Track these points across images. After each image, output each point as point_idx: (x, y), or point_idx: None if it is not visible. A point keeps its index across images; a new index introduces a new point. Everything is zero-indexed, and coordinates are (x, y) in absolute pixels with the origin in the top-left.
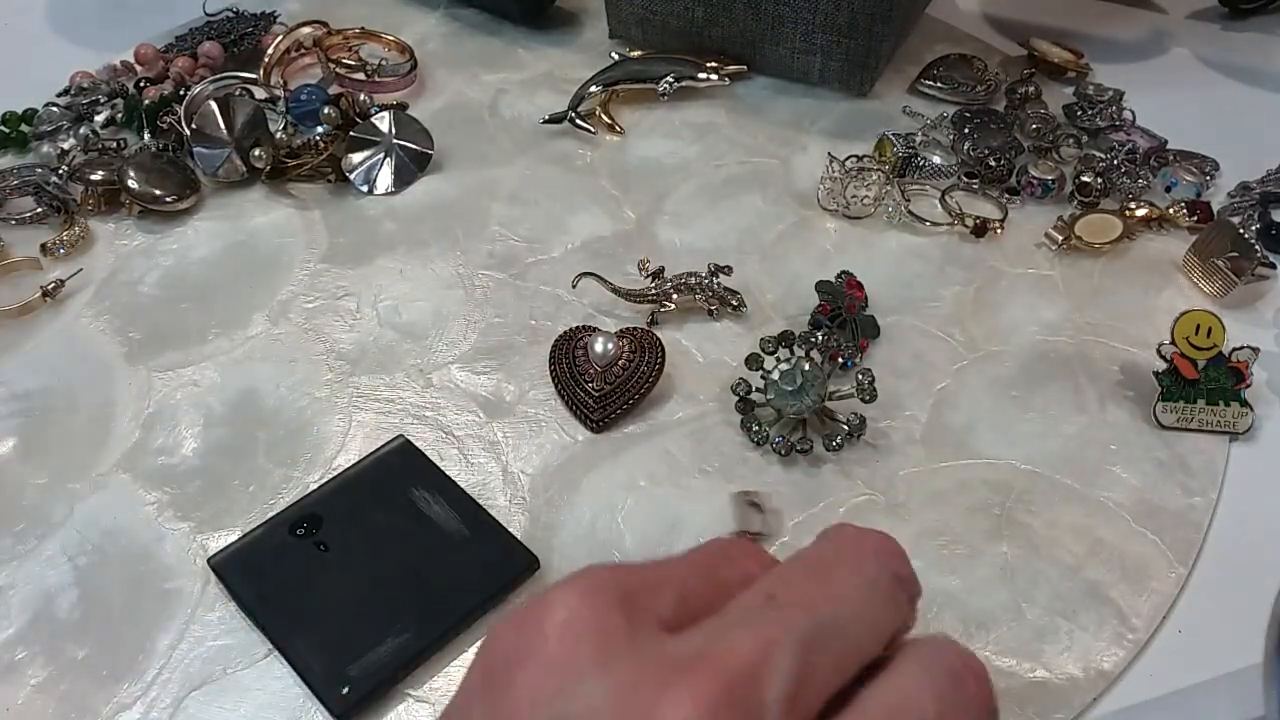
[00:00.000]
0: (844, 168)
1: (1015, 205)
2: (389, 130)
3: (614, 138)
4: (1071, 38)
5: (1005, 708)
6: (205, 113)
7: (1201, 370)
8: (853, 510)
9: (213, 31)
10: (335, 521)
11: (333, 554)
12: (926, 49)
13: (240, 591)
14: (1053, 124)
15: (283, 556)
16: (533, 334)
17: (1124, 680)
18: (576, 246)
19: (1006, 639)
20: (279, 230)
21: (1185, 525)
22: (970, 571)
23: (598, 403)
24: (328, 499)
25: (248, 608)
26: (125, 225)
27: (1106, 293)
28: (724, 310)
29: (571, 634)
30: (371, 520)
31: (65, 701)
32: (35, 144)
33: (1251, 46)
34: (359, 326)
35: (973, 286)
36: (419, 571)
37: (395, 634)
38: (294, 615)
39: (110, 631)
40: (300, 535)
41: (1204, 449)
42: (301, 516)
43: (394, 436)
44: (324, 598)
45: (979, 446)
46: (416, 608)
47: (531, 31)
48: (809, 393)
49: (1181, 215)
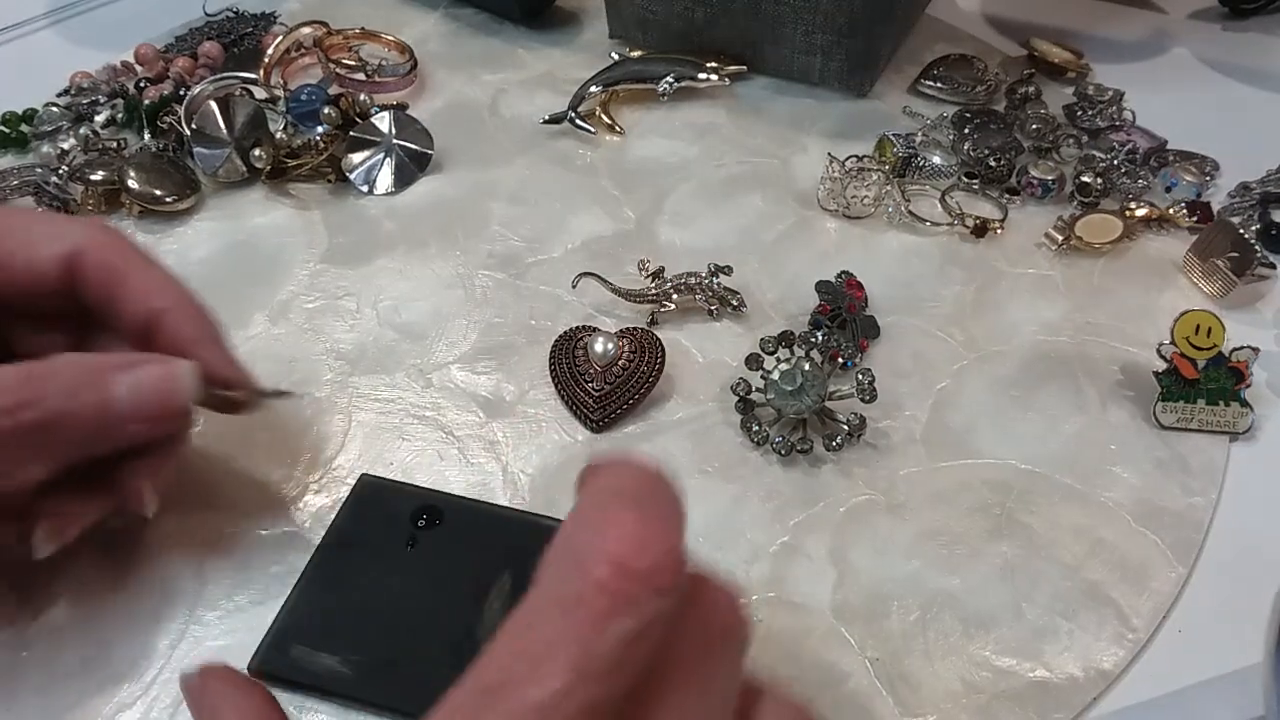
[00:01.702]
0: (844, 168)
1: (1015, 205)
2: (389, 130)
3: (614, 138)
4: (1071, 38)
5: (1005, 707)
6: (205, 113)
7: (1201, 370)
8: (853, 510)
9: (213, 31)
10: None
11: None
12: (926, 49)
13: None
14: (1053, 124)
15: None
16: (533, 334)
17: (1124, 680)
18: (576, 246)
19: (1006, 639)
20: (279, 230)
21: (1185, 525)
22: (970, 571)
23: (598, 403)
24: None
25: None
26: (125, 225)
27: (1106, 293)
28: (724, 310)
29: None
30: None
31: (66, 702)
32: (35, 144)
33: (1251, 46)
34: (359, 326)
35: (973, 286)
36: (421, 643)
37: (350, 662)
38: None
39: (111, 631)
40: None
41: (1204, 449)
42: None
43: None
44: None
45: (979, 446)
46: (394, 673)
47: (531, 31)
48: (809, 393)
49: (1181, 215)
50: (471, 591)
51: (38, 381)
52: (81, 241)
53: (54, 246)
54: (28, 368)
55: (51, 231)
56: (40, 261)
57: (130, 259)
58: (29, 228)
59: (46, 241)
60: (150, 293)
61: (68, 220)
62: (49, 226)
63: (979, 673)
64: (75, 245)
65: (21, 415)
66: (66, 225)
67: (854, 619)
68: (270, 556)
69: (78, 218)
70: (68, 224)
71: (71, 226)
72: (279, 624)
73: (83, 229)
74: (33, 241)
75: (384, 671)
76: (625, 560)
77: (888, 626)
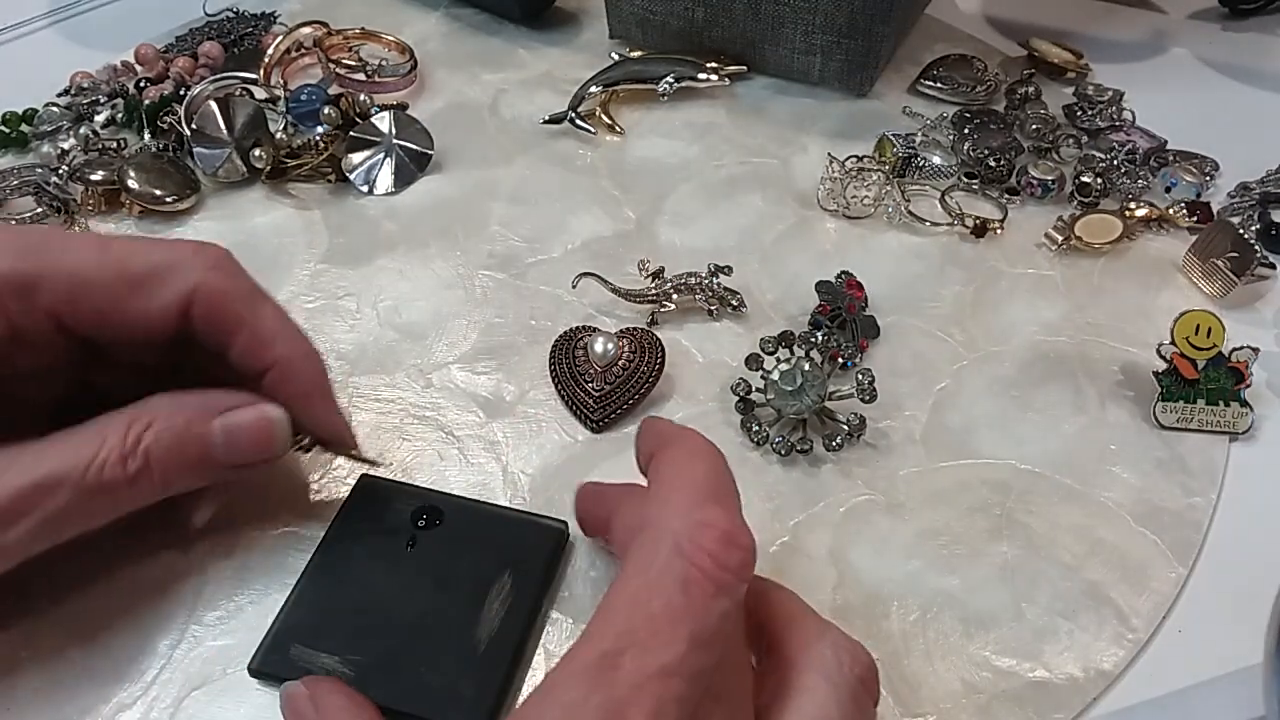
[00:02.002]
0: (844, 168)
1: (1015, 205)
2: (389, 130)
3: (614, 138)
4: (1071, 38)
5: (1005, 708)
6: (205, 113)
7: (1201, 370)
8: (852, 510)
9: (213, 31)
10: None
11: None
12: (926, 49)
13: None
14: (1053, 124)
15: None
16: (533, 334)
17: (1124, 680)
18: (576, 246)
19: (1006, 639)
20: (279, 230)
21: (1185, 525)
22: (970, 571)
23: (598, 403)
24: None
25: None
26: (125, 225)
27: (1106, 293)
28: (724, 310)
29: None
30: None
31: (66, 702)
32: (35, 144)
33: (1251, 46)
34: (359, 326)
35: (973, 286)
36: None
37: (349, 662)
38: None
39: (111, 631)
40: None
41: (1204, 449)
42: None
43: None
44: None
45: (979, 446)
46: (394, 673)
47: (531, 31)
48: (809, 393)
49: (1181, 215)
50: (471, 591)
51: (138, 428)
52: (198, 281)
53: (168, 293)
54: (129, 419)
55: (165, 266)
56: (155, 314)
57: (248, 302)
58: (145, 258)
59: (160, 285)
60: (266, 342)
61: (179, 251)
62: (163, 257)
63: (979, 673)
64: (192, 287)
65: (129, 466)
66: (181, 258)
67: (854, 619)
68: (270, 557)
69: (185, 242)
70: (182, 256)
71: (185, 260)
72: (279, 624)
73: (200, 265)
74: (145, 285)
75: (384, 671)
76: (720, 555)
77: (887, 626)
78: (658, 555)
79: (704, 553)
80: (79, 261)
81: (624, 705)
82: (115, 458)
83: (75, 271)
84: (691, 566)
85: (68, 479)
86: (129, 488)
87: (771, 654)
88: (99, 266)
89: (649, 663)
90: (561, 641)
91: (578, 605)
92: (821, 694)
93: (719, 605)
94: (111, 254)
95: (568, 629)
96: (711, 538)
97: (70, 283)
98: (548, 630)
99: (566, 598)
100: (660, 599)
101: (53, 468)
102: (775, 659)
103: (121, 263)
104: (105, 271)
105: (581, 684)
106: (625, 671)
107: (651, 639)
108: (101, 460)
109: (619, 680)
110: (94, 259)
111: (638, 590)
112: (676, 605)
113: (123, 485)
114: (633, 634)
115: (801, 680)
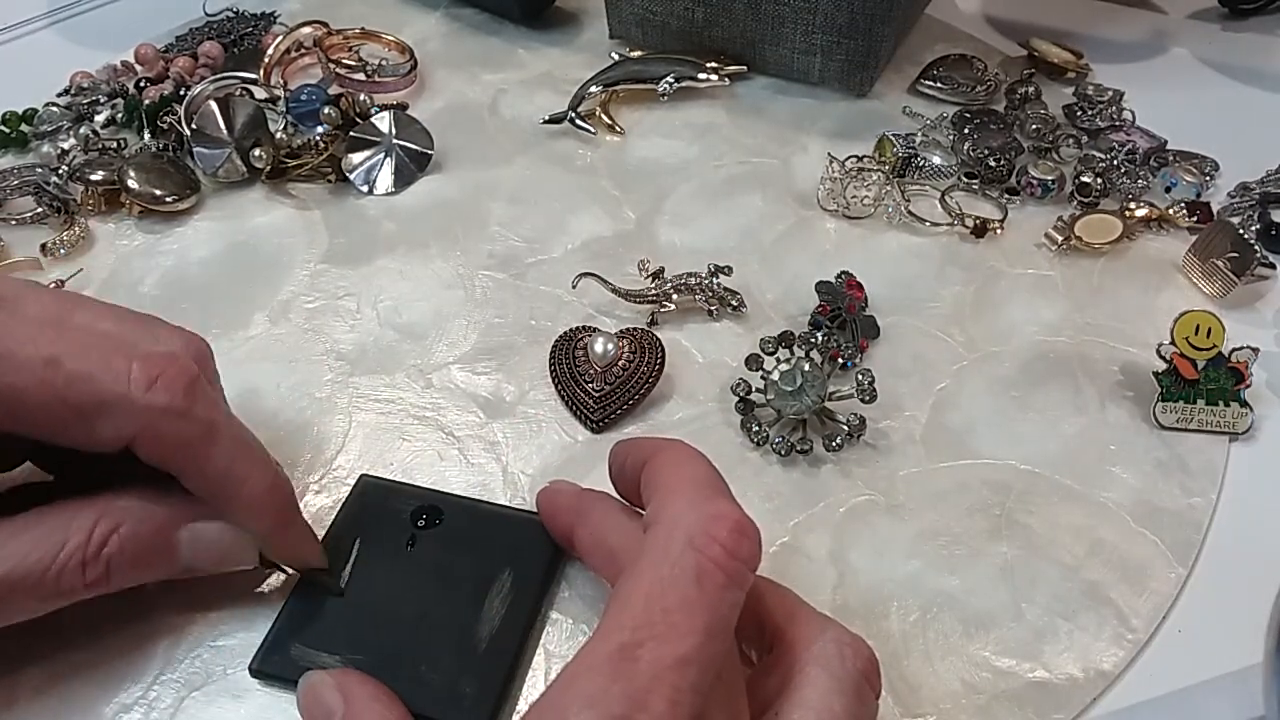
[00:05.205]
0: (844, 168)
1: (1015, 205)
2: (389, 130)
3: (614, 138)
4: (1071, 38)
5: (1005, 708)
6: (205, 113)
7: (1201, 370)
8: (852, 510)
9: (213, 31)
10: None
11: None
12: (926, 49)
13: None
14: (1053, 124)
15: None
16: (533, 334)
17: (1124, 680)
18: (576, 246)
19: (1006, 639)
20: (279, 230)
21: (1185, 525)
22: (970, 571)
23: (598, 403)
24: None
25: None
26: (125, 225)
27: (1106, 293)
28: (724, 310)
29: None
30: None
31: (66, 702)
32: (35, 144)
33: (1251, 46)
34: (359, 327)
35: (972, 287)
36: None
37: (349, 662)
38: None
39: (111, 632)
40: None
41: (1204, 449)
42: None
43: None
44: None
45: (979, 446)
46: (395, 673)
47: (531, 31)
48: (809, 393)
49: (1181, 215)
50: (471, 591)
51: (104, 529)
52: (140, 428)
53: (109, 431)
54: (95, 516)
55: (109, 403)
56: (98, 442)
57: (197, 449)
58: (88, 389)
59: (102, 420)
60: (218, 488)
61: (129, 385)
62: (109, 391)
63: (979, 673)
64: (131, 436)
65: (88, 574)
66: (125, 399)
67: (853, 619)
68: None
69: (145, 367)
70: (128, 395)
71: (131, 402)
72: (279, 624)
73: (145, 410)
74: (87, 418)
75: (385, 670)
76: (731, 546)
77: (887, 627)
78: (671, 549)
79: (716, 544)
80: (19, 382)
81: (644, 695)
82: (75, 564)
83: (15, 393)
84: (704, 559)
85: (22, 584)
86: (84, 590)
87: (773, 649)
88: (40, 387)
89: (667, 653)
90: (561, 641)
91: (578, 605)
92: (824, 686)
93: (731, 595)
94: (58, 377)
95: (568, 629)
96: (723, 529)
97: (10, 403)
98: (548, 630)
99: (566, 598)
100: (676, 592)
101: (9, 569)
102: (777, 654)
103: (63, 391)
104: (46, 394)
105: (602, 675)
106: (644, 663)
107: (669, 631)
108: (60, 565)
109: (638, 671)
110: (36, 380)
111: (653, 583)
112: (691, 597)
113: (78, 589)
114: (650, 626)
115: (805, 673)
